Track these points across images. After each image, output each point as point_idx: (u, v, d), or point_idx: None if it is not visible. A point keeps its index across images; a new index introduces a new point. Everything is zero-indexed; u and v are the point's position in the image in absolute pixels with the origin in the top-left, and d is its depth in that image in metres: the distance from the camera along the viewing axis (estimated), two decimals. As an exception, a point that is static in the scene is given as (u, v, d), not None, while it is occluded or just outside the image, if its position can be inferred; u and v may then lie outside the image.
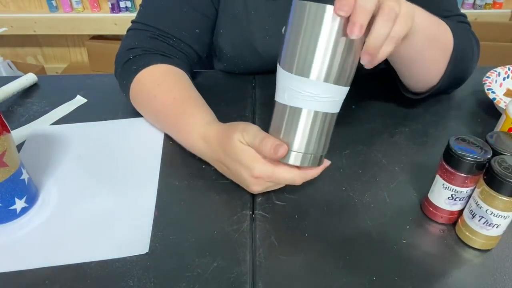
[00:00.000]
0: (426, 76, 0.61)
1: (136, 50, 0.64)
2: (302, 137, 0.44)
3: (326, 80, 0.41)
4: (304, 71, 0.41)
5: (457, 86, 0.69)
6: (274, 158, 0.44)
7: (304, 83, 0.41)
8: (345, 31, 0.39)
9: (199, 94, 0.61)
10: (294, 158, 0.44)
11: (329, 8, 0.39)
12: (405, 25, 0.42)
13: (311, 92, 0.41)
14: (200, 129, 0.53)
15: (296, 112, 0.43)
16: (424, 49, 0.56)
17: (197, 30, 0.68)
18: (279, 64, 0.43)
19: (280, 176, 0.47)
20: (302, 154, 0.44)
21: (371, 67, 0.43)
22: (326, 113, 0.43)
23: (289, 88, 0.42)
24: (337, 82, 0.41)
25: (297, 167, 0.46)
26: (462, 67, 0.64)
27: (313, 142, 0.44)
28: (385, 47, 0.42)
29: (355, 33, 0.39)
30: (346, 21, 0.39)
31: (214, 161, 0.53)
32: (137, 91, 0.62)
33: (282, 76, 0.43)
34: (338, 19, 0.39)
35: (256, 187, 0.49)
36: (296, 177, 0.47)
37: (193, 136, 0.54)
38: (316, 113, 0.43)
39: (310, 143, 0.44)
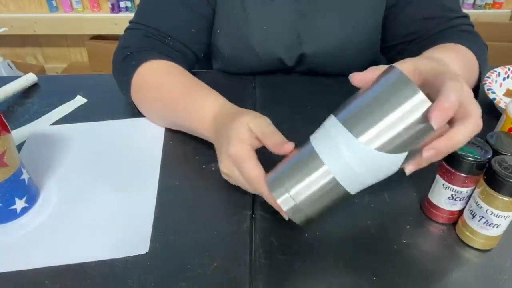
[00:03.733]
0: None
1: (133, 48, 0.64)
2: (305, 187, 0.40)
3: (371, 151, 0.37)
4: (358, 131, 0.37)
5: None
6: (277, 151, 0.43)
7: (349, 141, 0.37)
8: (422, 125, 0.35)
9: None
10: (284, 200, 0.41)
11: (422, 99, 0.35)
12: None
13: (345, 153, 0.38)
14: (215, 105, 0.53)
15: (317, 163, 0.39)
16: None
17: (193, 30, 0.69)
18: (334, 114, 0.40)
19: (245, 166, 0.44)
20: (294, 201, 0.40)
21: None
22: (339, 186, 0.39)
23: (331, 137, 0.39)
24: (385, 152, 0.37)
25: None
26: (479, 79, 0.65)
27: (311, 201, 0.40)
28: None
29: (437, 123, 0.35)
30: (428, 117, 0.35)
31: (213, 135, 0.52)
32: (140, 83, 0.62)
33: (332, 123, 0.39)
34: (422, 110, 0.35)
35: (222, 167, 0.48)
36: (256, 179, 0.44)
37: (205, 111, 0.54)
38: (332, 178, 0.39)
39: (309, 201, 0.40)
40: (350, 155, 0.37)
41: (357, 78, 0.40)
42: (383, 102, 0.36)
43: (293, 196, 0.40)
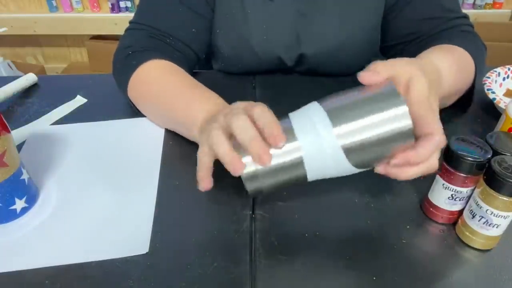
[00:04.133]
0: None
1: (135, 47, 0.64)
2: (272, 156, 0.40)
3: (342, 145, 0.39)
4: (336, 121, 0.39)
5: None
6: (267, 132, 0.40)
7: (326, 128, 0.39)
8: (398, 140, 0.39)
9: None
10: (247, 162, 0.40)
11: (405, 112, 0.37)
12: None
13: (320, 140, 0.39)
14: (210, 108, 0.51)
15: (290, 138, 0.40)
16: (449, 100, 0.62)
17: (193, 30, 0.69)
18: (318, 102, 0.41)
19: (238, 106, 0.44)
20: (255, 166, 0.40)
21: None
22: (302, 166, 0.40)
23: (311, 121, 0.40)
24: (347, 155, 0.39)
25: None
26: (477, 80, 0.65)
27: (270, 173, 0.40)
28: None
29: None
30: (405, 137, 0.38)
31: (201, 130, 0.49)
32: (138, 81, 0.62)
33: (314, 107, 0.41)
34: (399, 128, 0.38)
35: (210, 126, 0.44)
36: (242, 114, 0.42)
37: (197, 112, 0.52)
38: (299, 157, 0.40)
39: (268, 171, 0.40)
40: (326, 142, 0.39)
41: (366, 78, 0.41)
42: (369, 104, 0.39)
43: (258, 168, 0.41)
